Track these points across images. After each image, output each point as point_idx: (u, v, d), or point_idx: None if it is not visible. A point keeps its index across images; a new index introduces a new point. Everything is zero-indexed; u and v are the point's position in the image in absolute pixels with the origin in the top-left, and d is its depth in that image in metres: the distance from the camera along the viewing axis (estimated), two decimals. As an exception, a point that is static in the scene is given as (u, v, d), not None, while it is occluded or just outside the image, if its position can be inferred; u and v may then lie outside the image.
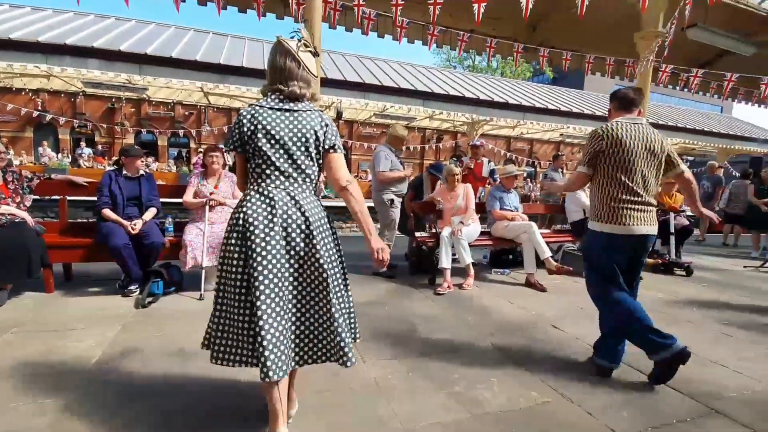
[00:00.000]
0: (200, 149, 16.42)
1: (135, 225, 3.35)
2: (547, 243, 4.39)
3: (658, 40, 5.74)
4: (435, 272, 4.16)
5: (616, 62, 7.28)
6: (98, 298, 3.29)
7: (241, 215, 1.57)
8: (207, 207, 3.58)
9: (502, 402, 2.02)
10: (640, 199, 2.31)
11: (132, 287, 3.33)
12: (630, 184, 2.30)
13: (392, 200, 4.31)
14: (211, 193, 3.63)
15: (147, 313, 3.02)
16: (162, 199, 3.76)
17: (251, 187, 1.65)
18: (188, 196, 3.65)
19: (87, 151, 15.20)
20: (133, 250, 3.29)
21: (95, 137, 18.58)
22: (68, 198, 3.78)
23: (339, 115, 14.14)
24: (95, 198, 3.46)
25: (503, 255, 5.09)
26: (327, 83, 11.12)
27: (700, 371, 2.45)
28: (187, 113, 19.38)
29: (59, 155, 15.18)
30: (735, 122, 22.68)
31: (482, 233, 4.56)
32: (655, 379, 2.24)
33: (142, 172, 3.66)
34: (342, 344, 1.56)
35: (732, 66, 7.91)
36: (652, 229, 2.34)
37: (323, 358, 1.64)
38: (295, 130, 1.63)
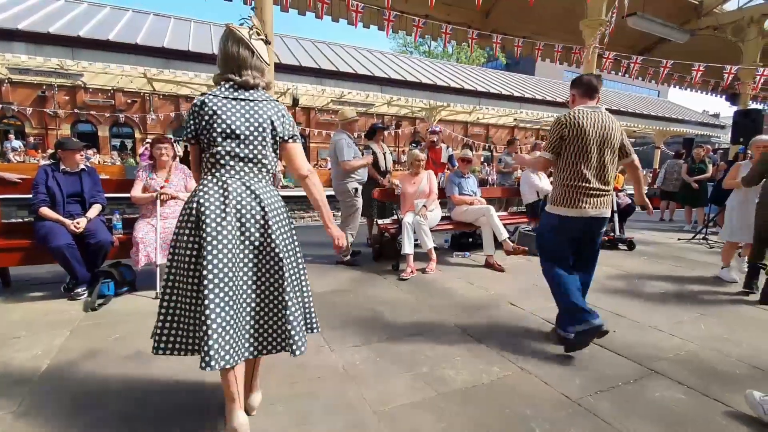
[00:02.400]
0: (147, 140, 15.46)
1: (78, 223, 3.12)
2: (504, 225, 4.57)
3: (601, 28, 6.03)
4: (398, 258, 4.23)
5: (564, 49, 7.59)
6: (42, 302, 3.06)
7: (195, 204, 1.54)
8: (158, 201, 3.40)
9: (466, 378, 2.12)
10: (595, 185, 2.43)
11: (79, 290, 3.12)
12: (587, 171, 2.41)
13: (356, 189, 4.29)
14: (161, 187, 3.45)
15: (98, 315, 2.86)
16: (107, 195, 3.53)
17: (205, 176, 1.63)
18: (136, 191, 3.45)
19: (17, 143, 13.87)
20: (77, 250, 3.08)
21: (25, 128, 16.98)
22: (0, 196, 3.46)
23: (295, 101, 13.78)
24: (30, 196, 3.18)
25: (463, 238, 5.25)
26: (282, 69, 10.76)
27: (641, 336, 2.69)
28: (129, 101, 18.11)
29: (-16, 149, 13.74)
30: (670, 106, 24.40)
31: (443, 218, 4.66)
32: (571, 347, 2.38)
33: (82, 166, 3.40)
34: (293, 332, 1.58)
35: (668, 53, 8.49)
36: (605, 211, 2.49)
37: (278, 348, 1.64)
38: (252, 120, 1.62)
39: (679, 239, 6.39)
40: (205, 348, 1.42)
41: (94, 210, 3.32)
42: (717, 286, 3.89)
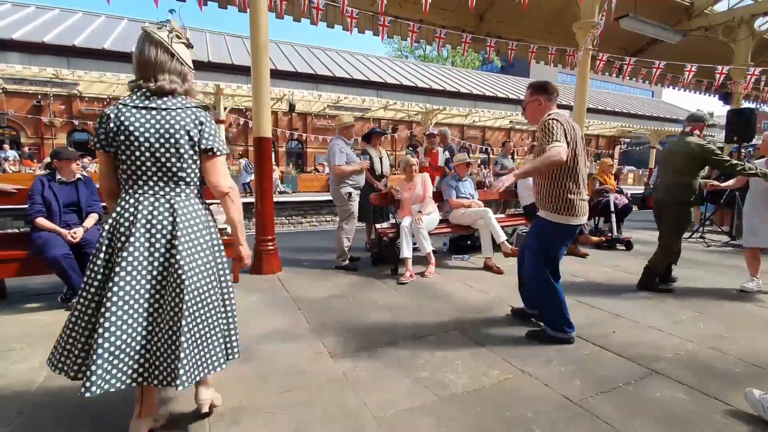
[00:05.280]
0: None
1: (75, 233, 3.11)
2: (502, 227, 4.57)
3: (592, 30, 6.07)
4: (397, 262, 4.22)
5: (558, 51, 7.64)
6: (38, 314, 3.04)
7: (109, 222, 1.53)
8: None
9: (466, 382, 2.11)
10: (583, 190, 2.47)
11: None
12: (578, 176, 2.44)
13: (350, 193, 4.29)
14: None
15: (95, 325, 2.83)
16: (104, 204, 3.51)
17: (121, 191, 1.59)
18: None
19: (12, 153, 13.83)
20: (74, 260, 3.06)
21: (21, 138, 16.95)
22: (-6, 207, 3.44)
23: (292, 107, 13.82)
24: (26, 206, 3.17)
25: (462, 241, 5.25)
26: (278, 75, 10.80)
27: (640, 336, 2.69)
28: (126, 109, 18.07)
29: (-21, 160, 13.69)
30: (665, 106, 24.58)
31: (441, 221, 4.67)
32: (534, 336, 2.62)
33: (78, 175, 3.39)
34: (179, 366, 1.44)
35: (660, 54, 8.56)
36: (586, 217, 2.55)
37: (163, 382, 1.48)
38: (162, 131, 1.52)
39: (676, 238, 6.40)
40: (87, 373, 1.39)
41: (91, 219, 3.30)
42: (714, 285, 3.90)
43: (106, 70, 9.64)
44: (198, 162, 1.62)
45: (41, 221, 3.09)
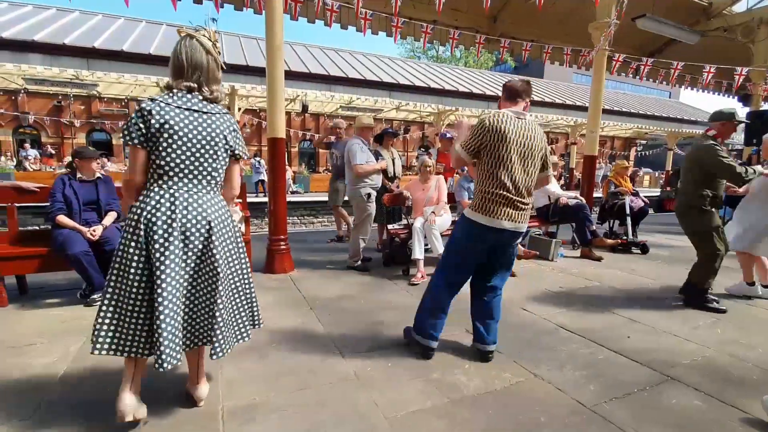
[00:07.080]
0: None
1: (94, 231, 3.19)
2: (514, 229, 4.53)
3: (606, 30, 5.99)
4: (408, 263, 4.22)
5: (573, 52, 7.55)
6: (58, 309, 3.12)
7: (143, 215, 1.59)
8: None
9: (478, 385, 2.10)
10: (514, 196, 2.27)
11: (95, 296, 3.17)
12: (506, 180, 2.25)
13: (369, 194, 4.29)
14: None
15: (113, 321, 2.90)
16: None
17: (152, 185, 1.64)
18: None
19: (33, 152, 14.22)
20: (93, 257, 3.14)
21: (41, 137, 17.40)
22: (16, 205, 3.54)
23: (305, 108, 13.89)
24: (47, 204, 3.26)
25: (473, 243, 5.22)
26: (291, 76, 10.89)
27: (656, 342, 2.64)
28: (142, 110, 18.42)
29: (2, 158, 14.12)
30: (683, 107, 24.07)
31: (453, 222, 4.65)
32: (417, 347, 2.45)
33: (98, 174, 3.47)
34: (212, 335, 1.68)
35: (678, 54, 8.40)
36: (522, 225, 2.32)
37: (204, 341, 1.74)
38: (204, 134, 1.65)
39: (693, 242, 6.27)
40: (158, 352, 1.56)
41: (110, 217, 3.38)
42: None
43: (124, 71, 9.85)
44: (226, 163, 1.77)
45: (62, 219, 3.17)
